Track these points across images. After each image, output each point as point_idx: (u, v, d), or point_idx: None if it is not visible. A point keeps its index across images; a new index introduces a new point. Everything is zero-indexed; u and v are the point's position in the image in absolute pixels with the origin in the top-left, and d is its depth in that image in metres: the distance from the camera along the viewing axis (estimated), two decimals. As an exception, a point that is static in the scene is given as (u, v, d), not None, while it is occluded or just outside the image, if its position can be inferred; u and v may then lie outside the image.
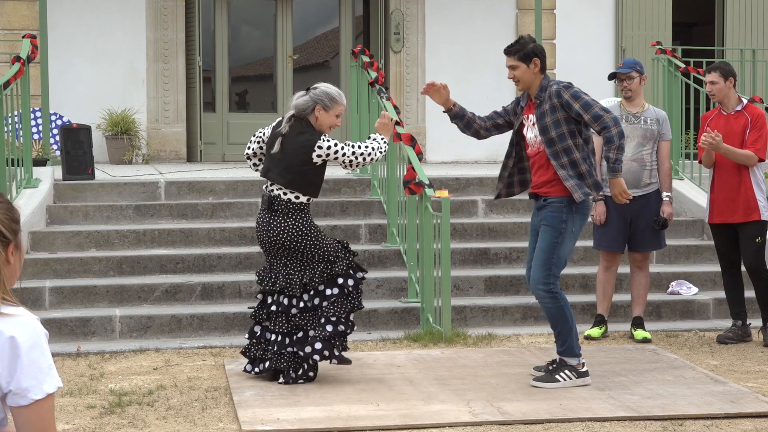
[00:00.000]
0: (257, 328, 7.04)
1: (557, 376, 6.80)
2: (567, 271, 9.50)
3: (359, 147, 6.97)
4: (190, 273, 9.16)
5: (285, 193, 6.87)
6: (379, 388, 6.76)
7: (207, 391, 6.79)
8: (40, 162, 10.75)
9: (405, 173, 8.80)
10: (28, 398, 2.79)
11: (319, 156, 6.83)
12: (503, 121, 7.17)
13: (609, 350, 8.00)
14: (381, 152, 7.07)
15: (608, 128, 6.74)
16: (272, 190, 6.91)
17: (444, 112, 7.20)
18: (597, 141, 7.71)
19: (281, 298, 6.90)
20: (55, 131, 12.01)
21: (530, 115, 6.93)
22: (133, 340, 8.27)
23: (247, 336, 7.14)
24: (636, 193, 8.35)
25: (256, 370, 7.00)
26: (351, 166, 7.01)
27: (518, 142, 7.08)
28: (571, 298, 9.10)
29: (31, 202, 9.55)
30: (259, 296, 7.05)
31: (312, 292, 6.87)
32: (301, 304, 6.86)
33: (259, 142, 7.13)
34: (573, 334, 6.86)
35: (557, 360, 6.90)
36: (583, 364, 6.90)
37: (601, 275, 8.57)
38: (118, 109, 12.97)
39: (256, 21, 14.61)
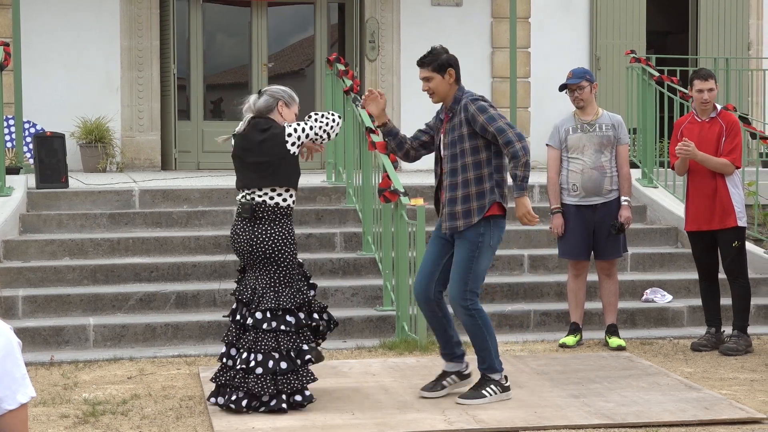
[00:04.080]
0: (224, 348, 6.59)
1: (484, 392, 6.63)
2: (542, 279, 9.54)
3: (316, 119, 6.68)
4: (164, 281, 9.12)
5: (271, 198, 6.55)
6: (355, 397, 6.75)
7: (182, 400, 6.76)
8: (14, 170, 10.69)
9: (380, 181, 8.80)
10: (1, 408, 2.77)
11: (293, 144, 6.56)
12: (428, 138, 6.89)
13: (583, 358, 8.02)
14: (336, 118, 6.76)
15: (511, 143, 6.45)
16: (254, 198, 6.59)
17: (377, 127, 6.93)
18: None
19: (245, 310, 6.55)
20: (29, 139, 11.94)
21: (445, 128, 6.73)
22: (107, 349, 8.23)
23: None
24: (598, 201, 8.39)
25: (221, 400, 6.48)
26: (327, 136, 6.68)
27: (440, 158, 6.78)
28: (546, 306, 9.16)
29: (4, 211, 9.50)
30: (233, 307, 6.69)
31: (269, 315, 6.44)
32: (250, 321, 6.44)
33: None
34: (493, 351, 6.67)
35: (481, 376, 6.71)
36: (506, 378, 6.76)
37: (571, 283, 8.60)
38: (92, 117, 12.92)
39: (231, 29, 14.60)
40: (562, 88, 8.60)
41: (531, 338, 8.77)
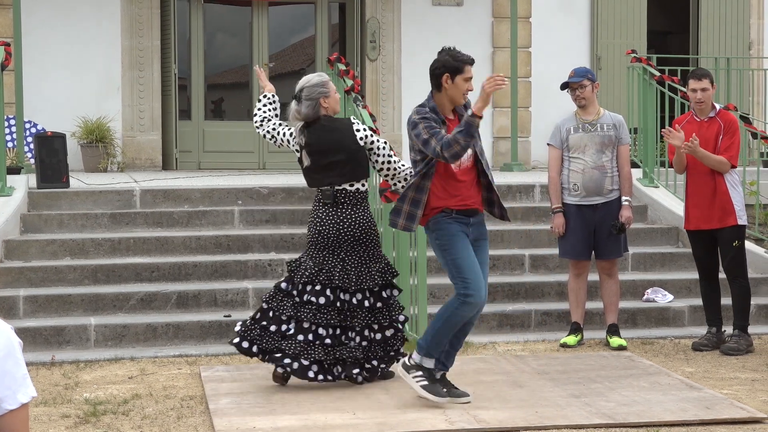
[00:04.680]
0: (273, 326, 6.96)
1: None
2: (543, 279, 9.54)
3: (392, 157, 7.25)
4: (165, 281, 9.12)
5: (351, 185, 7.03)
6: (356, 397, 6.75)
7: (182, 400, 6.76)
8: (14, 170, 10.70)
9: (381, 181, 8.79)
10: (2, 408, 2.77)
11: (360, 139, 7.05)
12: None
13: (584, 357, 8.02)
14: (406, 174, 7.23)
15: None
16: (333, 185, 7.00)
17: (472, 116, 6.40)
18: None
19: (339, 293, 6.92)
20: (30, 139, 11.95)
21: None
22: (108, 349, 8.23)
23: (250, 322, 7.00)
24: (599, 201, 8.39)
25: (283, 363, 6.86)
26: (388, 166, 7.24)
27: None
28: (547, 305, 9.15)
29: (5, 211, 9.49)
30: (285, 288, 7.03)
31: (367, 293, 6.96)
32: (355, 301, 6.94)
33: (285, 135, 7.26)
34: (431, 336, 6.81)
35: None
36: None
37: (572, 283, 8.60)
38: (93, 117, 12.92)
39: (232, 28, 14.59)
40: (563, 86, 8.60)
41: (532, 338, 8.76)
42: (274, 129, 7.36)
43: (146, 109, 13.45)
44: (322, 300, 6.92)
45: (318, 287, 6.93)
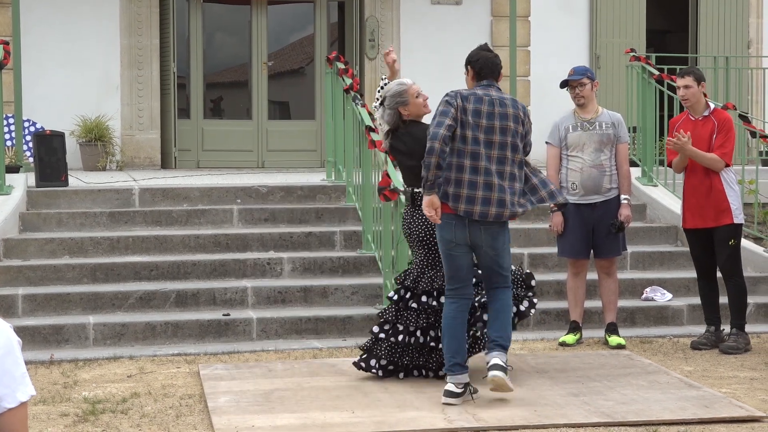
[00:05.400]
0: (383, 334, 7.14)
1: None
2: (542, 277, 9.53)
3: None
4: (164, 280, 9.12)
5: None
6: (354, 395, 6.75)
7: (181, 399, 6.76)
8: (13, 169, 10.68)
9: (380, 180, 8.80)
10: (1, 407, 2.77)
11: None
12: None
13: (583, 356, 8.02)
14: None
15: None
16: (412, 187, 7.13)
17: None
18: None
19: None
20: (29, 138, 11.94)
21: None
22: (106, 348, 8.23)
23: (376, 339, 7.16)
24: (597, 200, 8.39)
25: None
26: None
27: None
28: (546, 304, 9.15)
29: (3, 209, 9.49)
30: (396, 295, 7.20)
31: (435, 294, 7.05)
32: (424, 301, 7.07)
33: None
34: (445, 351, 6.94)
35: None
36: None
37: (570, 282, 8.60)
38: (91, 116, 12.92)
39: (231, 27, 14.59)
40: (563, 84, 8.60)
41: (531, 337, 8.76)
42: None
43: (145, 107, 13.45)
44: (414, 304, 7.12)
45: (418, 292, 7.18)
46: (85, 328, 8.33)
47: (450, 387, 6.54)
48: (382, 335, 7.12)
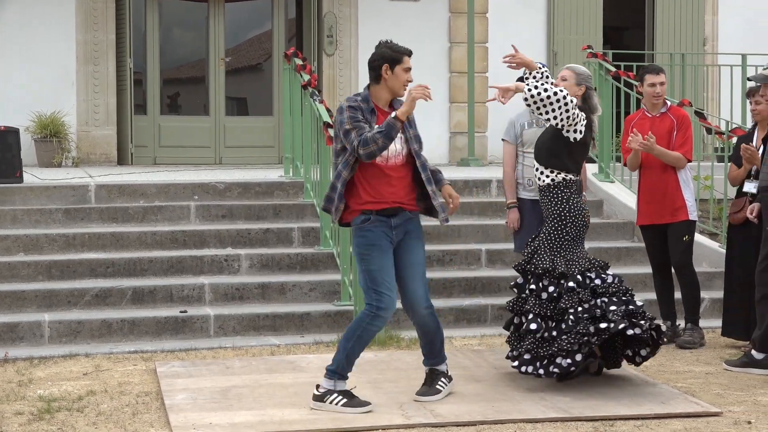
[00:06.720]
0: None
1: (437, 386, 6.64)
2: (500, 273, 9.56)
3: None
4: (120, 277, 9.07)
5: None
6: (312, 392, 6.73)
7: (138, 396, 6.73)
8: (-33, 165, 10.58)
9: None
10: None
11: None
12: None
13: (541, 352, 8.03)
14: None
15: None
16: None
17: (395, 119, 6.41)
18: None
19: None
20: (-17, 134, 11.83)
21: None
22: (62, 346, 8.17)
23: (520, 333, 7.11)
24: None
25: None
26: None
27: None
28: (504, 300, 9.07)
29: (-43, 206, 9.40)
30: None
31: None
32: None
33: None
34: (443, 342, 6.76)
35: (429, 371, 6.72)
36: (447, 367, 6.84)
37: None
38: (47, 112, 12.82)
39: (188, 23, 14.52)
40: (519, 81, 8.59)
41: (489, 332, 8.79)
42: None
43: (101, 103, 13.35)
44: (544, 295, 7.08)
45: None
46: (40, 325, 8.26)
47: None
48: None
